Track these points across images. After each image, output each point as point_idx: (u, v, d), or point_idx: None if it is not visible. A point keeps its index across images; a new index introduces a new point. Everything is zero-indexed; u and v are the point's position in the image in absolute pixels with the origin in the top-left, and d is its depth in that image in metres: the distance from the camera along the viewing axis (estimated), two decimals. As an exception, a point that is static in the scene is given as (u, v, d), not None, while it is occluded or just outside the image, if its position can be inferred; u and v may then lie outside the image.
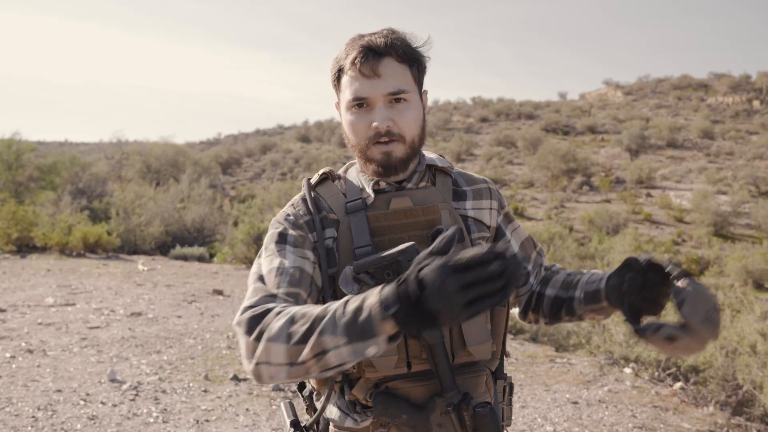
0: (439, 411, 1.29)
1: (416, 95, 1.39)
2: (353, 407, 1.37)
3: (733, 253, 15.20)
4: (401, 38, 1.37)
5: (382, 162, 1.36)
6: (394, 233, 1.36)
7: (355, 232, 1.35)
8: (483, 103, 53.70)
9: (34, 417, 4.17)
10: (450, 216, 1.40)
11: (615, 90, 56.75)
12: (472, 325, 1.34)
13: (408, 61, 1.37)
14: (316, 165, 34.79)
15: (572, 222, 20.01)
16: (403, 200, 1.39)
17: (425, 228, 1.37)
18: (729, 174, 28.04)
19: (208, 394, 4.73)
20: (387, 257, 1.24)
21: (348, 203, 1.39)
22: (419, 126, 1.39)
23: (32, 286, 8.86)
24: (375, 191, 1.41)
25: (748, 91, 48.16)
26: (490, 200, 1.51)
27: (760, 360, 4.82)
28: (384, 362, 1.30)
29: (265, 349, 1.11)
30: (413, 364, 1.32)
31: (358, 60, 1.34)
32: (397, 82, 1.34)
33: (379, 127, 1.33)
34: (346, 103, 1.38)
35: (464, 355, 1.35)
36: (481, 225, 1.47)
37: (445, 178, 1.48)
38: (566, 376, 5.52)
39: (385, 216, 1.37)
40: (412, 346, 1.31)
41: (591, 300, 1.44)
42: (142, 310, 7.46)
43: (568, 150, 28.91)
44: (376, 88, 1.33)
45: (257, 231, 12.74)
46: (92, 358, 5.51)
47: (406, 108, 1.36)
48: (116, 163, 29.39)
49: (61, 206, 16.03)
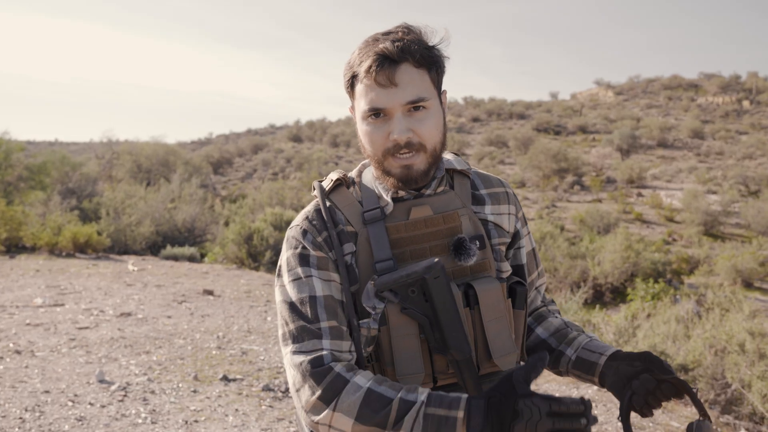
0: None
1: (436, 100, 1.32)
2: None
3: (723, 252, 15.29)
4: (417, 39, 1.29)
5: (402, 176, 1.30)
6: (415, 244, 1.32)
7: (375, 244, 1.30)
8: (474, 103, 53.80)
9: (21, 418, 4.13)
10: (470, 222, 1.37)
11: (606, 90, 56.96)
12: (498, 337, 1.32)
13: (426, 65, 1.29)
14: (307, 165, 34.74)
15: (563, 221, 20.07)
16: (423, 209, 1.34)
17: (446, 236, 1.34)
18: (719, 174, 28.20)
19: (198, 395, 4.71)
20: (412, 275, 1.22)
21: (365, 213, 1.33)
22: (440, 132, 1.33)
23: (21, 287, 8.80)
24: (393, 199, 1.35)
25: (738, 92, 48.46)
26: (509, 205, 1.47)
27: (748, 359, 4.84)
28: (410, 380, 1.27)
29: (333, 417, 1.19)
30: (439, 379, 1.30)
31: (373, 69, 1.25)
32: (416, 89, 1.26)
33: (399, 139, 1.26)
34: (361, 113, 1.30)
35: (489, 367, 1.33)
36: (501, 230, 1.44)
37: (463, 180, 1.44)
38: (556, 375, 5.53)
39: (405, 227, 1.32)
40: (437, 361, 1.29)
41: (582, 369, 1.41)
42: (131, 310, 7.42)
43: (560, 150, 29.00)
44: (394, 98, 1.26)
45: (248, 231, 12.70)
46: (81, 359, 5.47)
47: (426, 116, 1.28)
48: (106, 163, 29.24)
49: (50, 206, 15.93)
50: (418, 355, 1.27)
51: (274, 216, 13.32)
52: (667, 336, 5.80)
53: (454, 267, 1.33)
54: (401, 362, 1.27)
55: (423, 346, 1.28)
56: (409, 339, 1.27)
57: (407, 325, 1.27)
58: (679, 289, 11.73)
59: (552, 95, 58.37)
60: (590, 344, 1.43)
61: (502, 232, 1.44)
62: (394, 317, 1.26)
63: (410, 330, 1.27)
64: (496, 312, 1.32)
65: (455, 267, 1.33)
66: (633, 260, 12.59)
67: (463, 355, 1.25)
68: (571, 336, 1.47)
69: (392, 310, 1.26)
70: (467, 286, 1.31)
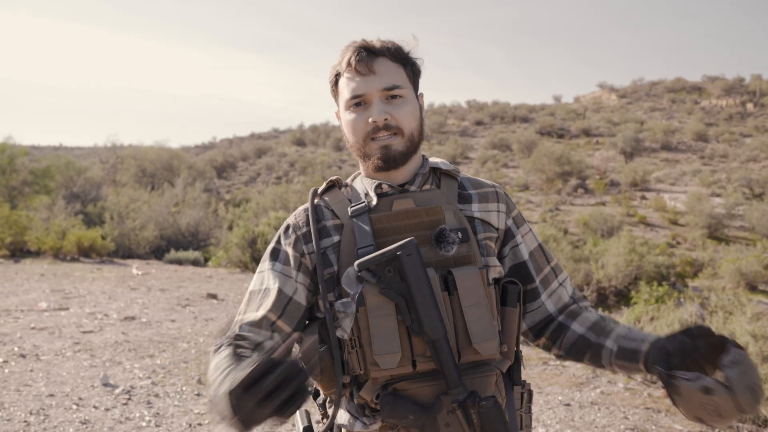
0: (446, 410, 1.27)
1: (412, 92, 1.44)
2: (362, 411, 1.37)
3: (727, 255, 15.24)
4: (394, 43, 1.43)
5: (382, 156, 1.39)
6: (398, 234, 1.37)
7: (359, 234, 1.37)
8: (478, 107, 53.78)
9: (26, 422, 4.16)
10: (455, 216, 1.40)
11: (609, 93, 56.91)
12: (477, 322, 1.33)
13: (402, 61, 1.43)
14: (311, 169, 34.77)
15: (567, 224, 20.04)
16: (406, 202, 1.41)
17: (428, 228, 1.38)
18: (723, 176, 28.15)
19: (201, 398, 4.72)
20: (386, 253, 1.28)
21: (352, 207, 1.41)
22: (417, 120, 1.43)
23: (25, 291, 8.84)
24: (378, 195, 1.42)
25: (742, 94, 48.36)
26: (497, 203, 1.49)
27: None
28: (387, 360, 1.30)
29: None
30: (418, 362, 1.31)
31: (353, 59, 1.39)
32: (392, 78, 1.39)
33: (377, 120, 1.37)
34: (344, 104, 1.43)
35: (471, 353, 1.33)
36: (488, 226, 1.46)
37: (450, 181, 1.48)
38: (559, 378, 5.53)
39: (387, 217, 1.38)
40: (416, 344, 1.31)
41: (626, 358, 1.38)
42: (135, 314, 7.44)
43: (563, 153, 28.97)
44: (372, 84, 1.38)
45: (252, 235, 12.72)
46: (85, 363, 5.49)
47: (403, 103, 1.40)
48: (111, 168, 29.30)
49: (55, 210, 15.99)
50: (395, 335, 1.30)
51: (277, 220, 13.34)
52: (670, 339, 5.78)
53: (437, 257, 1.36)
54: (378, 341, 1.30)
55: (401, 327, 1.31)
56: (386, 319, 1.30)
57: (384, 306, 1.30)
58: (683, 292, 11.70)
59: (555, 98, 58.27)
60: (630, 333, 1.41)
61: (490, 228, 1.46)
62: (371, 297, 1.30)
63: (387, 310, 1.30)
64: (475, 297, 1.33)
65: (438, 257, 1.36)
66: (637, 263, 12.55)
67: (436, 335, 1.26)
68: (609, 328, 1.45)
69: (370, 291, 1.30)
70: (447, 273, 1.34)
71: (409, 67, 1.44)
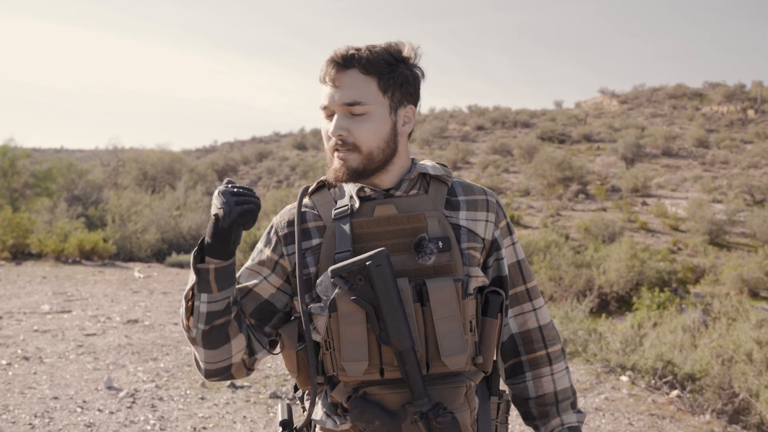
0: (410, 419, 1.29)
1: (380, 108, 1.38)
2: (335, 409, 1.39)
3: (729, 261, 15.24)
4: (377, 52, 1.37)
5: (337, 168, 1.39)
6: (377, 240, 1.36)
7: (339, 238, 1.37)
8: (479, 111, 53.81)
9: (30, 424, 4.15)
10: (438, 224, 1.38)
11: (610, 99, 56.95)
12: (448, 336, 1.32)
13: (375, 73, 1.37)
14: (312, 173, 34.79)
15: (568, 230, 20.04)
16: (388, 208, 1.39)
17: (409, 236, 1.36)
18: (724, 183, 28.16)
19: (206, 402, 4.72)
20: (357, 262, 1.29)
21: (335, 210, 1.41)
22: (381, 139, 1.38)
23: (28, 293, 8.84)
24: (361, 198, 1.41)
25: (743, 101, 48.40)
26: (487, 212, 1.46)
27: (756, 368, 4.84)
28: (354, 367, 1.32)
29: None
30: (386, 371, 1.33)
31: (324, 70, 1.39)
32: (355, 93, 1.36)
33: (332, 134, 1.38)
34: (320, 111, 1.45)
35: (439, 366, 1.33)
36: (473, 235, 1.43)
37: (439, 186, 1.45)
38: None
39: (368, 223, 1.37)
40: (385, 352, 1.32)
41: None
42: (138, 317, 7.44)
43: (564, 158, 28.98)
44: (333, 97, 1.37)
45: (253, 238, 12.74)
46: (89, 366, 5.49)
47: (365, 120, 1.37)
48: (112, 170, 29.31)
49: (56, 213, 16.00)
50: (363, 342, 1.31)
51: (279, 224, 13.34)
52: (673, 345, 5.79)
53: (416, 266, 1.36)
54: (346, 348, 1.31)
55: (371, 336, 1.31)
56: (355, 326, 1.31)
57: (355, 313, 1.31)
58: (685, 299, 11.70)
59: (556, 104, 58.33)
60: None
61: (475, 238, 1.43)
62: (343, 304, 1.31)
63: (358, 318, 1.31)
64: (448, 310, 1.32)
65: (416, 266, 1.36)
66: (638, 269, 12.55)
67: (402, 346, 1.27)
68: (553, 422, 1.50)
69: (342, 298, 1.31)
70: (422, 284, 1.34)
71: (384, 80, 1.37)
